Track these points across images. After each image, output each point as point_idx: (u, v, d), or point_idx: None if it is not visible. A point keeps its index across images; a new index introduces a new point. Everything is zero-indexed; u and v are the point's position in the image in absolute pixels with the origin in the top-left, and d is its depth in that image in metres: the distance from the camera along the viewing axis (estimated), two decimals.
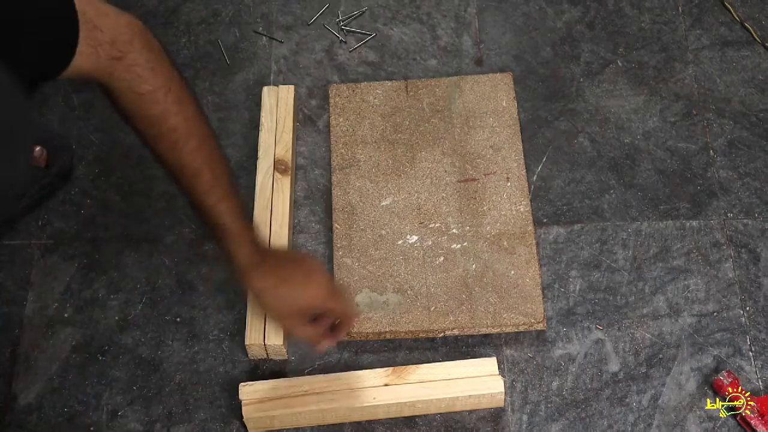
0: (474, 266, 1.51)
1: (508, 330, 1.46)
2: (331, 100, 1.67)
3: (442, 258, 1.52)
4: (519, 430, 1.41)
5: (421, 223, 1.55)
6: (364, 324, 1.46)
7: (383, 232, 1.54)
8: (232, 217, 1.18)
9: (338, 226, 1.55)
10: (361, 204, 1.57)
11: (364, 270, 1.51)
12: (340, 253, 1.53)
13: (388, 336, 1.46)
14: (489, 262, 1.51)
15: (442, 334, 1.47)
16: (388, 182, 1.59)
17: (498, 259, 1.51)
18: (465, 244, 1.53)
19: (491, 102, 1.66)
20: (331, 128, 1.64)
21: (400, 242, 1.53)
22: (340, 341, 1.40)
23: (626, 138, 1.67)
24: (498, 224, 1.54)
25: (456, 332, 1.46)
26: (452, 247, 1.53)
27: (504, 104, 1.65)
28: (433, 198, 1.57)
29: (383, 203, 1.57)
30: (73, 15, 0.97)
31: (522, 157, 1.60)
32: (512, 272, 1.50)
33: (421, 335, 1.47)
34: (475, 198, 1.57)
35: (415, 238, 1.53)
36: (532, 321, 1.46)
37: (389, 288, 1.49)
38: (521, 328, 1.46)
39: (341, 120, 1.65)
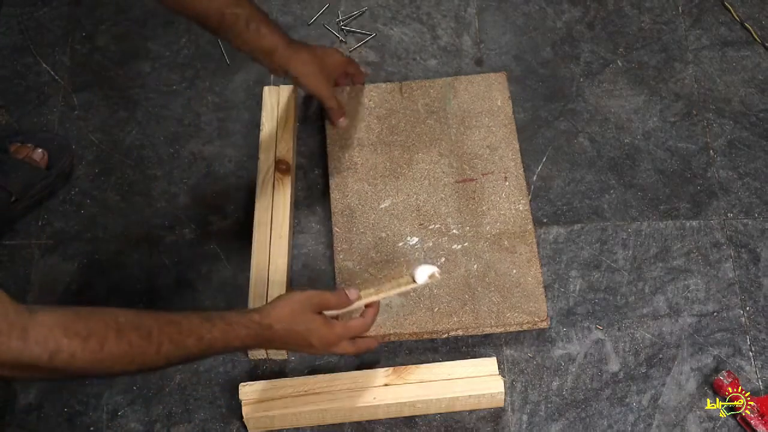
0: (476, 266, 1.50)
1: (511, 329, 1.46)
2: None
3: (443, 259, 1.51)
4: (519, 430, 1.41)
5: (421, 224, 1.54)
6: None
7: (383, 234, 1.54)
8: (269, 24, 1.44)
9: (338, 230, 1.54)
10: (360, 207, 1.56)
11: (365, 273, 1.50)
12: (341, 256, 1.52)
13: (392, 338, 1.46)
14: (490, 262, 1.51)
15: (446, 335, 1.46)
16: (387, 184, 1.58)
17: (499, 259, 1.51)
18: (466, 244, 1.52)
19: (486, 102, 1.65)
20: (327, 132, 1.64)
21: (401, 244, 1.53)
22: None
23: (626, 138, 1.67)
24: (498, 224, 1.54)
25: (460, 333, 1.46)
26: (453, 247, 1.52)
27: (499, 104, 1.65)
28: (432, 199, 1.57)
29: (382, 205, 1.57)
30: None
31: (519, 156, 1.60)
32: (514, 271, 1.50)
33: (425, 336, 1.46)
34: (474, 198, 1.57)
35: (415, 239, 1.53)
36: (536, 319, 1.46)
37: None
38: (525, 327, 1.46)
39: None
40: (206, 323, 1.15)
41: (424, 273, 1.31)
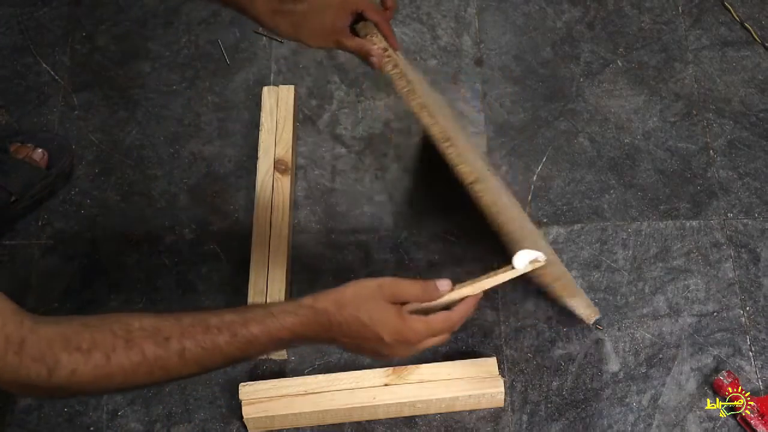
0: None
1: (584, 318, 1.42)
2: (371, 38, 1.27)
3: None
4: (519, 430, 1.41)
5: None
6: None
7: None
8: None
9: (468, 168, 1.25)
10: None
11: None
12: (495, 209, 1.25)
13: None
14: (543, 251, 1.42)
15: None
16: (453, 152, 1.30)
17: (548, 252, 1.40)
18: None
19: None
20: (396, 84, 1.29)
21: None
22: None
23: (626, 138, 1.67)
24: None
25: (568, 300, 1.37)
26: None
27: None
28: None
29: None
30: None
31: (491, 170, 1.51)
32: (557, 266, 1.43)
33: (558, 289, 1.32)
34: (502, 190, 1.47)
35: None
36: (592, 314, 1.42)
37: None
38: (585, 320, 1.43)
39: (396, 71, 1.29)
40: (240, 318, 1.01)
41: (524, 258, 1.14)
